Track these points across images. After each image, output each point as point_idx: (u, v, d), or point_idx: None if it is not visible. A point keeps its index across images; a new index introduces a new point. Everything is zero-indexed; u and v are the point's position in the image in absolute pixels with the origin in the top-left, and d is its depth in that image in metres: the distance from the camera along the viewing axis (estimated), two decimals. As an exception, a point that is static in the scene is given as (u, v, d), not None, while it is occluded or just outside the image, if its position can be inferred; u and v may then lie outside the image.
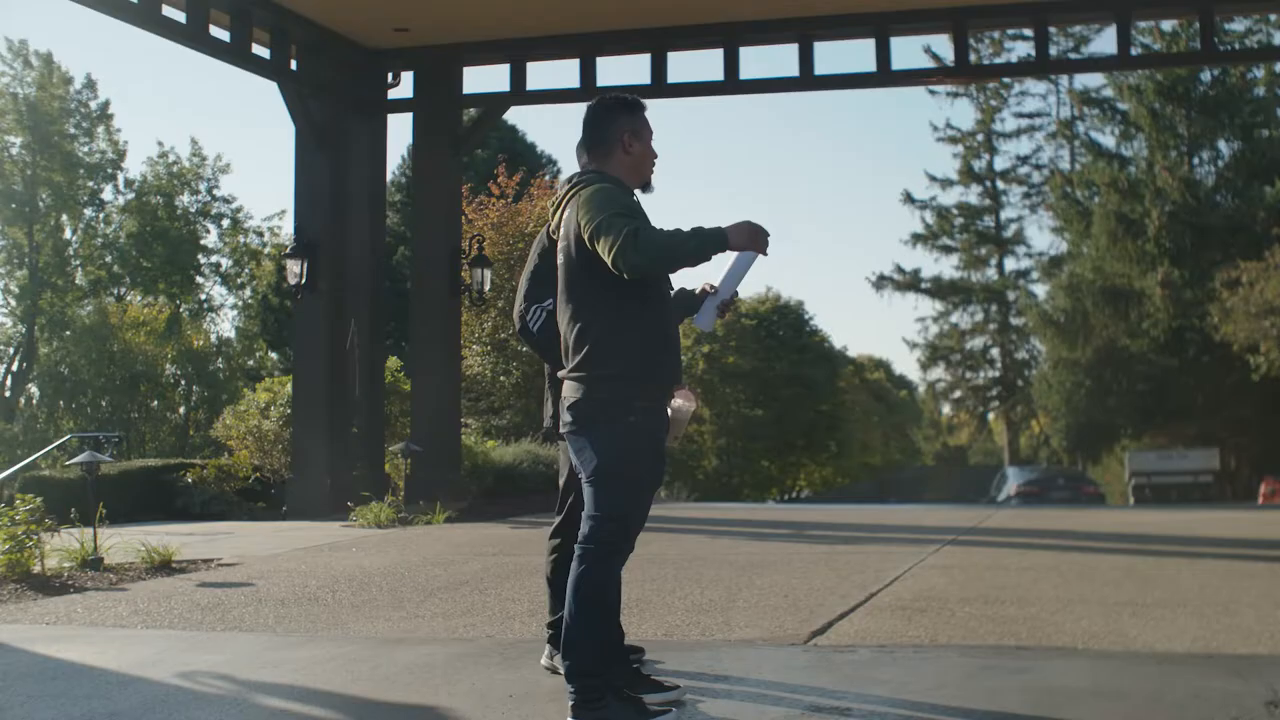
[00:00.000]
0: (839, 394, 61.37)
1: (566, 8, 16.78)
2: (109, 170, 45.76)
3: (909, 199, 59.07)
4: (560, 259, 5.16)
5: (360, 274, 17.86)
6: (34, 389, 43.75)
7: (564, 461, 5.68)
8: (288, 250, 18.00)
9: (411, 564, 10.41)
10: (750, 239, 5.00)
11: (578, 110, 5.69)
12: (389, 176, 38.39)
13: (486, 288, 19.19)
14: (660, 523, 15.14)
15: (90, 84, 44.87)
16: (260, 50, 16.93)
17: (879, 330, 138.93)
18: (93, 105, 45.00)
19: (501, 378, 24.38)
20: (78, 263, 45.79)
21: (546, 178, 41.57)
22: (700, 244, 4.90)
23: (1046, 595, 8.05)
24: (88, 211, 45.99)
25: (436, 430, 17.76)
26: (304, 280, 17.31)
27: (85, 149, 45.14)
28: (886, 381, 76.86)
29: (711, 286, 5.35)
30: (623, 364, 4.97)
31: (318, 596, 8.57)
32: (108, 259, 45.90)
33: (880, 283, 59.96)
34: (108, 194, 46.27)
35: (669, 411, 5.21)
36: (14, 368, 44.33)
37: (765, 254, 5.07)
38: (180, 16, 15.51)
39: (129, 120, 79.11)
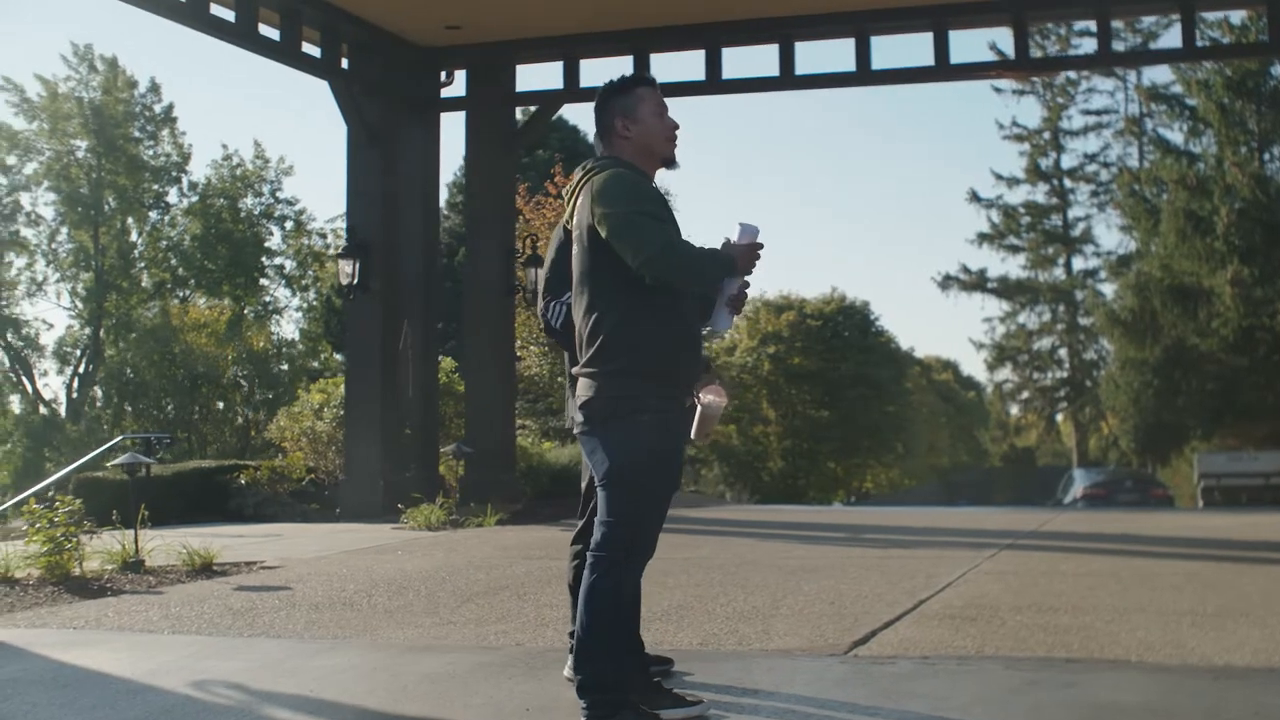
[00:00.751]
0: (905, 395, 60.95)
1: (619, 3, 16.54)
2: (174, 173, 45.98)
3: (975, 198, 58.47)
4: (575, 249, 4.91)
5: (414, 274, 17.72)
6: (98, 391, 44.02)
7: (585, 463, 5.46)
8: (339, 250, 17.90)
9: (455, 567, 10.22)
10: (748, 264, 4.86)
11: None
12: (450, 177, 38.55)
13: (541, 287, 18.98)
14: (714, 525, 14.93)
15: (154, 87, 45.16)
16: (311, 49, 16.81)
17: (947, 331, 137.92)
18: (157, 109, 45.26)
19: (560, 378, 24.21)
20: (142, 265, 46.02)
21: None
22: (718, 270, 4.81)
23: (1103, 603, 7.73)
24: (152, 214, 46.21)
25: (491, 431, 17.62)
26: (356, 280, 17.20)
27: (150, 152, 45.39)
28: (954, 383, 76.37)
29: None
30: (636, 358, 4.71)
31: (353, 601, 8.39)
32: (172, 261, 46.09)
33: (946, 283, 59.34)
34: (172, 197, 46.50)
35: (698, 408, 4.95)
36: (80, 370, 44.65)
37: (748, 274, 4.91)
38: (229, 15, 15.41)
39: (191, 123, 79.60)
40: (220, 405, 40.67)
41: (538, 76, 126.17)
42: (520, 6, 16.64)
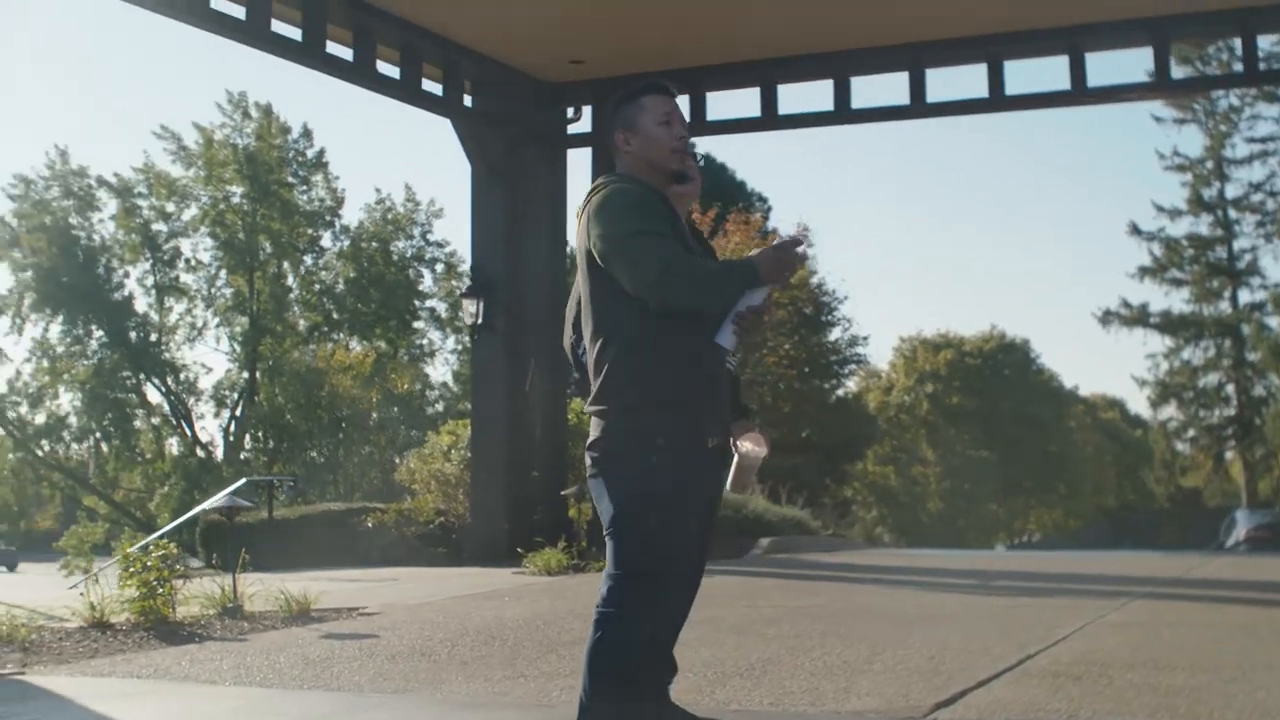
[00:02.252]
0: (1068, 434, 59.56)
1: (743, 35, 16.18)
2: (327, 217, 46.52)
3: (1135, 230, 56.89)
4: (579, 275, 4.50)
5: (540, 313, 17.44)
6: (249, 433, 44.53)
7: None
8: (463, 290, 17.76)
9: (555, 615, 9.86)
10: (777, 272, 4.31)
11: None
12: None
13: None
14: (842, 571, 14.45)
15: (306, 133, 45.68)
16: (432, 86, 16.68)
17: (1110, 368, 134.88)
18: (309, 153, 45.82)
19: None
20: (296, 309, 46.58)
21: (756, 214, 41.08)
22: (735, 284, 4.27)
23: (1226, 660, 7.09)
24: (306, 259, 46.78)
25: (618, 473, 17.24)
26: (480, 320, 17.02)
27: (304, 197, 45.98)
28: (1121, 421, 74.48)
29: None
30: (643, 391, 4.25)
31: (433, 651, 8.05)
32: (326, 304, 46.57)
33: (1107, 318, 57.74)
34: (326, 240, 47.04)
35: (735, 456, 4.47)
36: (236, 413, 45.27)
37: (778, 282, 4.36)
38: (347, 54, 15.33)
39: (339, 167, 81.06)
40: (369, 448, 40.85)
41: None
42: (643, 40, 16.34)
